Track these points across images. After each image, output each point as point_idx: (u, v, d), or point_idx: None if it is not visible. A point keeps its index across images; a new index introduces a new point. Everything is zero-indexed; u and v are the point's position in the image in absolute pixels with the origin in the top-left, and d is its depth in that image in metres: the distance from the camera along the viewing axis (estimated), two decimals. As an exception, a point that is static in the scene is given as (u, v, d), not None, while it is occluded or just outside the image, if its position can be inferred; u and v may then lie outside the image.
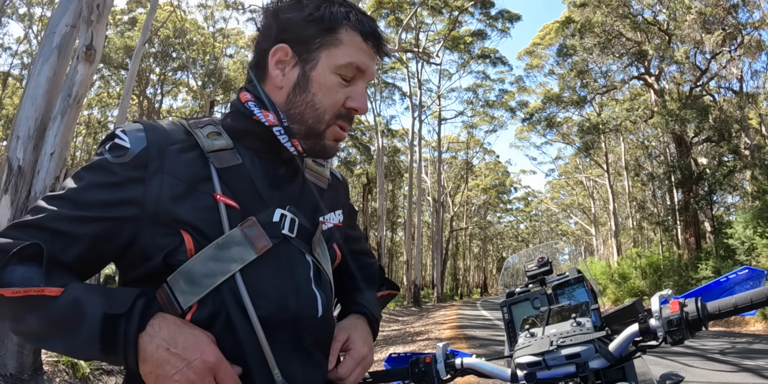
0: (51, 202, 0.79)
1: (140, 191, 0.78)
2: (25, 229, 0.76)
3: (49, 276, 0.73)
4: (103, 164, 0.80)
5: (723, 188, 16.39)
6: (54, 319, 0.71)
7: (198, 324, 0.76)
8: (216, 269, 0.78)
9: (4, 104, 23.98)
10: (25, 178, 4.27)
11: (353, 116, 0.90)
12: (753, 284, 0.95)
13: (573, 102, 21.40)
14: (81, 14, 4.69)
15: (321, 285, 0.89)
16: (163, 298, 0.78)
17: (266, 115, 0.86)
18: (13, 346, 3.96)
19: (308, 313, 0.84)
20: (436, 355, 1.02)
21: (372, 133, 29.31)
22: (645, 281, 18.74)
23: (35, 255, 0.73)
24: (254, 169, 0.86)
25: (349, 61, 0.86)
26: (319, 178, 0.98)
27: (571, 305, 0.91)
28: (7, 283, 0.71)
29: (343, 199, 1.05)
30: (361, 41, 0.87)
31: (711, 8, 15.60)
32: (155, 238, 0.78)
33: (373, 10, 23.24)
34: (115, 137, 0.82)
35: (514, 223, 56.92)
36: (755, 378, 5.31)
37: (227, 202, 0.81)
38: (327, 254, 0.93)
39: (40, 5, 23.25)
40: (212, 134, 0.86)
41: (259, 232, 0.81)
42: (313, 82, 0.87)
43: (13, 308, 0.72)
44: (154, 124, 0.85)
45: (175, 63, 25.34)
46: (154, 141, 0.81)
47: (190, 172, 0.81)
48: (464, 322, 14.52)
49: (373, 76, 0.91)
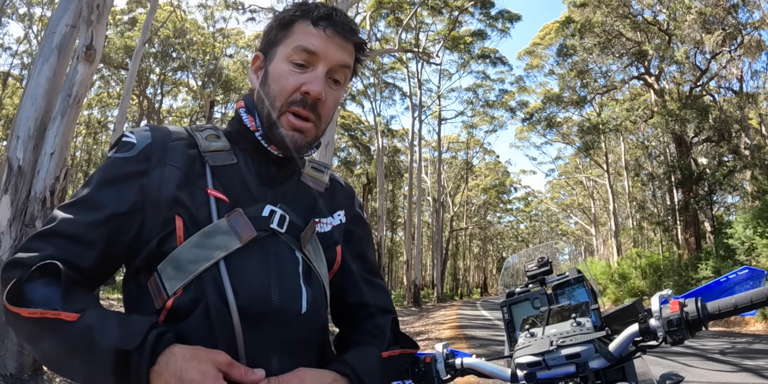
0: (66, 210, 0.83)
1: (145, 181, 0.84)
2: (45, 238, 0.80)
3: (67, 297, 0.74)
4: (111, 162, 0.87)
5: (723, 188, 16.39)
6: (68, 345, 0.72)
7: (180, 309, 0.79)
8: (200, 256, 0.80)
9: (4, 104, 23.98)
10: (25, 178, 4.27)
11: (310, 102, 0.88)
12: (753, 284, 0.96)
13: (573, 102, 21.40)
14: (81, 14, 4.69)
15: (310, 282, 0.89)
16: (152, 286, 0.81)
17: (251, 120, 0.92)
18: (13, 346, 3.96)
19: (291, 308, 0.84)
20: (436, 355, 1.02)
21: (372, 133, 29.32)
22: (645, 281, 18.74)
23: (57, 271, 0.75)
24: (247, 169, 0.90)
25: (296, 45, 0.89)
26: (316, 183, 0.99)
27: (571, 305, 0.91)
28: (27, 300, 0.73)
29: (345, 202, 1.04)
30: (311, 26, 0.90)
31: (711, 8, 15.61)
32: (154, 223, 0.83)
33: (373, 10, 23.24)
34: (123, 137, 0.90)
35: (514, 223, 56.93)
36: (755, 378, 5.31)
37: (218, 196, 0.85)
38: (321, 254, 0.93)
39: (40, 5, 23.26)
40: (211, 136, 0.92)
41: (244, 222, 0.84)
42: (269, 75, 0.91)
43: (30, 328, 0.74)
44: (159, 125, 0.93)
45: (175, 63, 25.34)
46: (158, 137, 0.89)
47: (187, 166, 0.87)
48: (464, 322, 14.51)
49: (335, 59, 0.90)
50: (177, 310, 0.79)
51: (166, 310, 0.79)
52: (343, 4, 9.22)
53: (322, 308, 0.91)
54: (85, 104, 24.85)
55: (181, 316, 0.79)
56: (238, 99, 0.99)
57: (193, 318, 0.78)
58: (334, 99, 0.94)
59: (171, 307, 0.79)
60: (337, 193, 1.04)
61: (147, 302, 0.81)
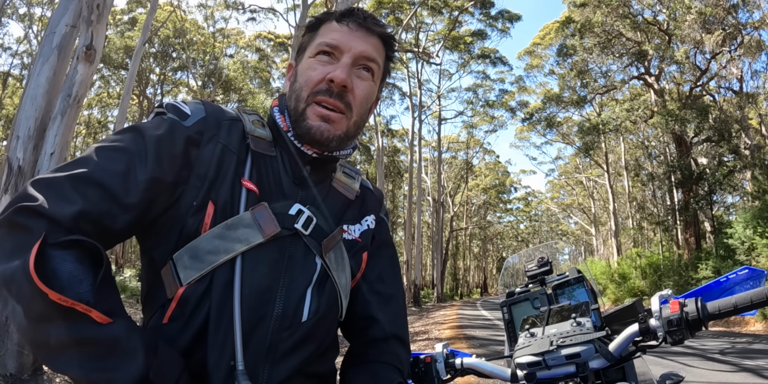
0: (105, 153, 0.75)
1: (195, 154, 0.81)
2: (76, 183, 0.70)
3: (100, 291, 0.66)
4: (165, 122, 0.81)
5: (723, 188, 16.38)
6: (83, 344, 0.65)
7: (186, 301, 0.77)
8: (220, 247, 0.78)
9: (4, 104, 23.96)
10: (25, 178, 4.27)
11: (336, 91, 0.87)
12: (753, 284, 0.96)
13: (573, 102, 21.39)
14: (81, 14, 4.69)
15: (322, 291, 0.85)
16: (166, 276, 0.79)
17: (283, 119, 0.91)
18: (13, 346, 3.96)
19: (292, 314, 0.81)
20: (436, 355, 1.02)
21: (372, 133, 29.29)
22: (645, 281, 18.73)
23: (95, 250, 0.67)
24: (283, 165, 0.88)
25: (320, 41, 0.90)
26: (347, 190, 0.96)
27: (571, 305, 0.91)
28: (50, 272, 0.63)
29: (375, 208, 1.02)
30: (335, 23, 0.92)
31: (711, 8, 15.60)
32: (190, 204, 0.79)
33: (374, 10, 23.23)
34: (172, 105, 0.85)
35: (514, 223, 56.91)
36: (755, 378, 5.30)
37: (250, 187, 0.83)
38: (344, 263, 0.90)
39: (40, 5, 23.24)
40: (256, 122, 0.90)
41: (268, 217, 0.81)
42: (298, 73, 0.92)
43: (46, 309, 0.63)
44: (211, 102, 0.90)
45: (175, 63, 25.31)
46: (212, 113, 0.86)
47: (236, 149, 0.85)
48: (464, 322, 14.51)
49: (358, 50, 0.89)
50: (186, 301, 0.77)
51: (176, 301, 0.78)
52: (343, 4, 9.22)
53: (328, 318, 0.87)
54: (85, 104, 24.84)
55: (188, 308, 0.77)
56: (273, 98, 1.00)
57: (198, 311, 0.77)
58: (365, 90, 0.90)
59: (180, 297, 0.77)
60: (368, 199, 1.01)
61: (159, 291, 0.80)
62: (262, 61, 26.31)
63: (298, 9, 16.58)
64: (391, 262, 1.03)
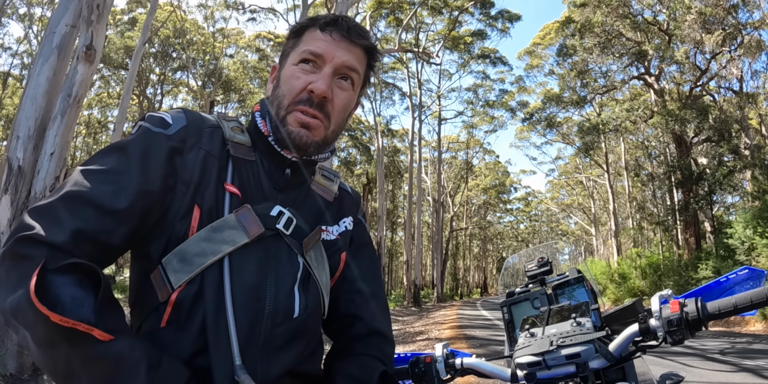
0: (93, 175, 0.77)
1: (179, 161, 0.84)
2: (70, 205, 0.73)
3: (101, 310, 0.67)
4: (147, 134, 0.84)
5: (723, 188, 16.38)
6: (90, 364, 0.67)
7: (181, 304, 0.79)
8: (208, 249, 0.80)
9: (4, 104, 23.97)
10: (25, 178, 4.27)
11: (317, 101, 0.89)
12: (753, 284, 0.96)
13: (573, 102, 21.39)
14: (81, 14, 4.69)
15: (306, 288, 0.89)
16: (156, 280, 0.80)
17: (264, 124, 0.93)
18: (13, 346, 3.96)
19: (284, 309, 0.84)
20: (436, 355, 1.01)
21: (372, 133, 29.30)
22: (645, 281, 18.74)
23: (93, 272, 0.69)
24: (263, 170, 0.92)
25: (304, 48, 0.92)
26: (326, 192, 1.00)
27: (571, 305, 0.91)
28: (53, 297, 0.65)
29: (352, 210, 1.05)
30: (318, 32, 0.93)
31: (711, 8, 15.60)
32: (179, 209, 0.82)
33: (373, 10, 23.25)
34: (154, 114, 0.88)
35: (514, 223, 56.92)
36: (755, 378, 5.30)
37: (232, 191, 0.86)
38: (324, 262, 0.94)
39: (40, 5, 23.25)
40: (236, 129, 0.93)
41: (252, 218, 0.84)
42: (280, 79, 0.94)
43: (50, 333, 0.66)
44: (191, 110, 0.93)
45: (175, 63, 25.34)
46: (193, 121, 0.89)
47: (217, 154, 0.87)
48: (464, 322, 14.51)
49: (340, 60, 0.91)
50: (180, 304, 0.79)
51: (171, 304, 0.79)
52: (344, 4, 9.22)
53: (315, 315, 0.91)
54: (85, 104, 24.85)
55: (183, 310, 0.79)
56: (255, 103, 1.01)
57: (194, 312, 0.79)
58: (344, 100, 0.94)
59: (175, 301, 0.79)
60: (345, 201, 1.04)
61: (150, 295, 0.81)
62: (262, 61, 26.30)
63: (298, 9, 16.62)
64: (371, 261, 1.06)
